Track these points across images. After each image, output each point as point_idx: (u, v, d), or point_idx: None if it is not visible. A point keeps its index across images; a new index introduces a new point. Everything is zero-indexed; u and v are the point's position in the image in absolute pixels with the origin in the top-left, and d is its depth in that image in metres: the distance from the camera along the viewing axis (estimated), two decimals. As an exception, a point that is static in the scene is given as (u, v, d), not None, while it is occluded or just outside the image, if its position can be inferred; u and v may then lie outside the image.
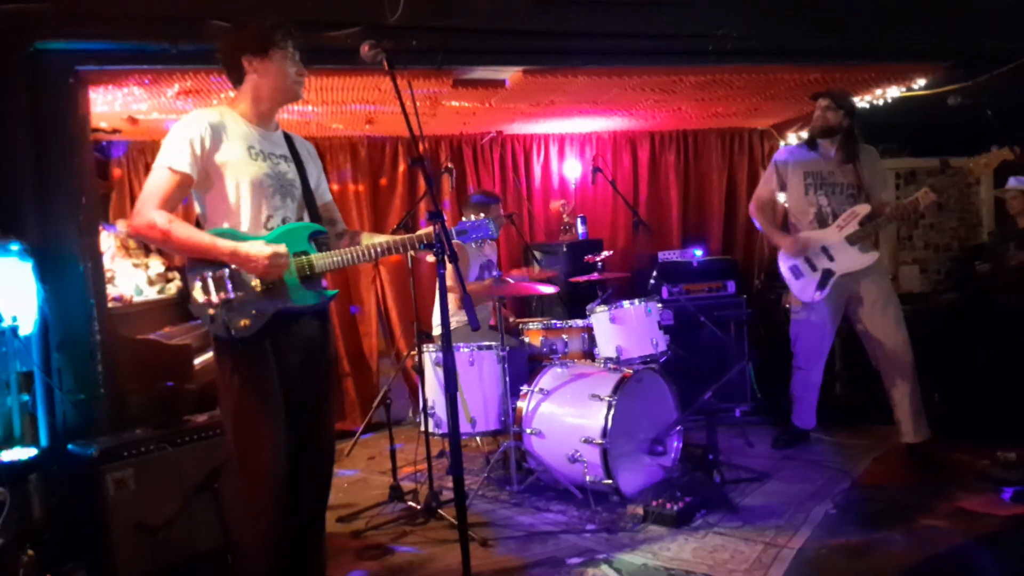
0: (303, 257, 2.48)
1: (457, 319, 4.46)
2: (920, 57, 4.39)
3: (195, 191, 2.48)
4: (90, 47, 3.38)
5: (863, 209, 4.09)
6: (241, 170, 2.45)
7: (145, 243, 4.63)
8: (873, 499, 3.66)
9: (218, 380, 2.48)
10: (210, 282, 2.38)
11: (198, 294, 2.40)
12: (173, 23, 3.36)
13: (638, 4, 3.91)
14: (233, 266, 2.39)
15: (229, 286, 2.39)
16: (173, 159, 2.39)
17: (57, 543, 3.07)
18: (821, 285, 4.10)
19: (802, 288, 4.22)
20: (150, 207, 2.37)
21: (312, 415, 2.57)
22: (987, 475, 3.78)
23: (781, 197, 4.41)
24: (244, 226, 2.46)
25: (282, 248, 2.39)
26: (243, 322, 2.37)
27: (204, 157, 2.41)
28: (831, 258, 4.13)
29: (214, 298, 2.37)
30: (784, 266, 4.28)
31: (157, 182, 2.39)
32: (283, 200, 2.53)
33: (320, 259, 2.50)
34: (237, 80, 2.54)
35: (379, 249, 2.55)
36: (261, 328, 2.39)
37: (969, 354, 4.49)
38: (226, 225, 2.46)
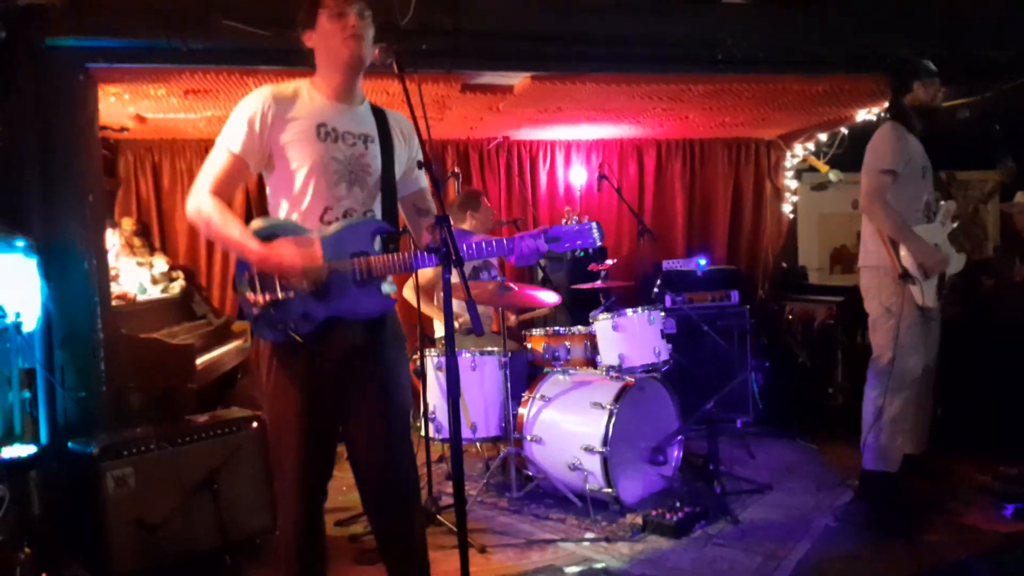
0: (362, 258, 2.20)
1: (459, 323, 4.45)
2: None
3: (264, 173, 2.29)
4: (101, 44, 3.38)
5: (952, 206, 3.77)
6: (304, 151, 2.20)
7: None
8: (874, 511, 3.65)
9: (257, 381, 2.34)
10: (257, 280, 2.18)
11: (245, 291, 2.20)
12: (184, 22, 3.35)
13: (648, 11, 3.91)
14: None
15: (277, 285, 2.17)
16: (229, 138, 2.20)
17: (55, 541, 3.07)
18: (940, 287, 3.68)
19: (929, 291, 3.62)
20: (203, 189, 2.18)
21: (368, 426, 2.30)
22: (989, 490, 3.77)
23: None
24: (302, 216, 2.23)
25: (315, 253, 2.12)
26: (291, 325, 2.17)
27: (265, 135, 2.19)
28: None
29: (260, 298, 2.17)
30: (915, 264, 3.62)
31: (213, 162, 2.21)
32: (349, 188, 2.25)
33: (380, 261, 2.20)
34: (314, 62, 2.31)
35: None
36: (309, 333, 2.17)
37: (972, 369, 4.47)
38: (282, 215, 2.25)
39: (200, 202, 2.18)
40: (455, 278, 2.04)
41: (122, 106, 4.22)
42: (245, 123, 2.19)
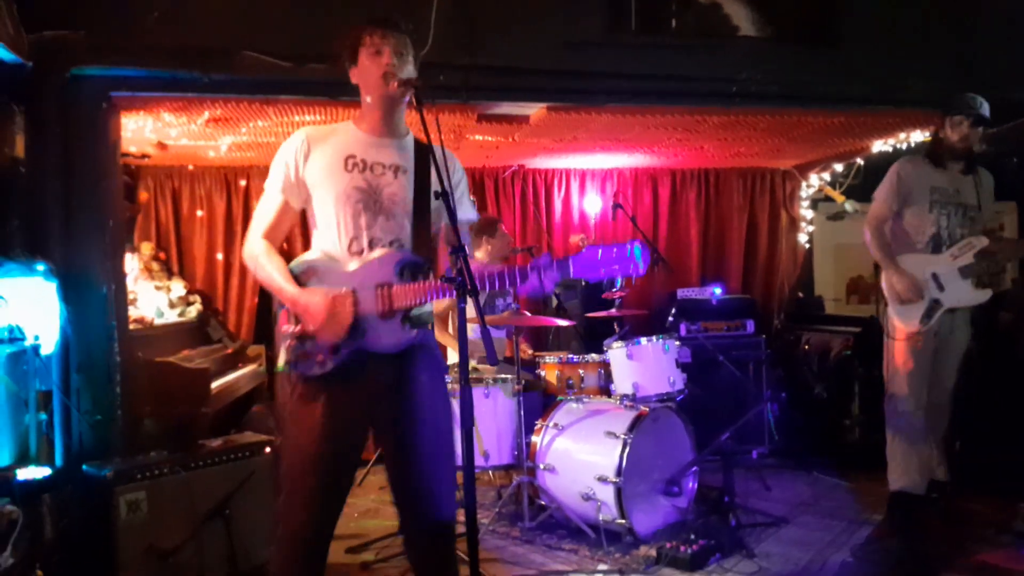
0: (384, 289, 2.21)
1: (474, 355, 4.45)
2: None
3: (307, 209, 2.36)
4: (125, 74, 3.44)
5: (981, 242, 3.72)
6: (328, 182, 2.27)
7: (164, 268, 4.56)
8: (892, 549, 3.59)
9: (279, 412, 2.37)
10: (291, 309, 2.27)
11: (281, 322, 2.28)
12: (206, 53, 3.42)
13: (662, 47, 3.93)
14: None
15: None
16: (271, 181, 2.32)
17: (67, 565, 3.07)
18: (927, 316, 3.67)
19: (906, 314, 3.73)
20: (255, 234, 2.32)
21: (399, 461, 2.29)
22: (1009, 528, 3.69)
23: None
24: (332, 247, 2.29)
25: (344, 311, 2.17)
26: (318, 357, 2.20)
27: (300, 174, 2.29)
28: (941, 287, 3.71)
29: (292, 328, 2.23)
30: (889, 290, 3.81)
31: (262, 205, 2.34)
32: (374, 218, 2.27)
33: (400, 291, 2.20)
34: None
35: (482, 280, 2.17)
36: (335, 368, 2.20)
37: (992, 404, 4.41)
38: (316, 247, 2.32)
39: (251, 245, 2.32)
40: (471, 309, 2.03)
41: (144, 133, 4.29)
42: (282, 165, 2.30)
